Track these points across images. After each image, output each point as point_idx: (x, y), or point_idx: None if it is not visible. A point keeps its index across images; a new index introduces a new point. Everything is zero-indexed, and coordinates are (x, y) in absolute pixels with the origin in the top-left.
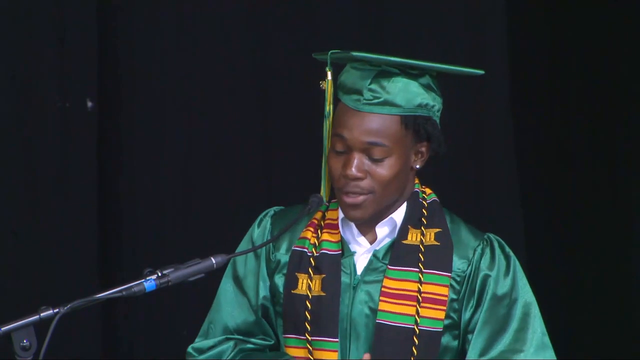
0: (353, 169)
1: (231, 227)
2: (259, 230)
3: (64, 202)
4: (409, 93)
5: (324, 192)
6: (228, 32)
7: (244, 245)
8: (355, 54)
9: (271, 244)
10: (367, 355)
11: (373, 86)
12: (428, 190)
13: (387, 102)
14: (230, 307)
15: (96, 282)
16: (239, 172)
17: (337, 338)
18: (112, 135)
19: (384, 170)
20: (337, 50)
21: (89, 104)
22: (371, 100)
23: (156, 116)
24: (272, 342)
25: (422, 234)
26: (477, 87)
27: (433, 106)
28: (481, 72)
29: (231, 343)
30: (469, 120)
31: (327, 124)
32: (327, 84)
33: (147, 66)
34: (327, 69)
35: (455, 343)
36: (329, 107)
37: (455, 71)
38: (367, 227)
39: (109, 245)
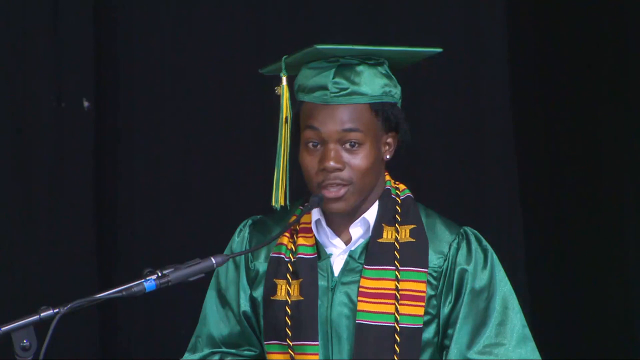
0: (332, 161)
1: (230, 227)
2: (238, 240)
3: (61, 203)
4: (373, 81)
5: (277, 198)
6: (226, 31)
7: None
8: (319, 46)
9: (250, 253)
10: None
11: (337, 79)
12: (402, 186)
13: (354, 92)
14: (215, 319)
15: (95, 282)
16: (237, 171)
17: (317, 341)
18: (109, 136)
19: (360, 160)
20: (289, 55)
21: (85, 103)
22: (338, 92)
23: (153, 116)
24: (258, 351)
25: (397, 231)
26: (477, 87)
27: (395, 93)
28: (439, 50)
29: (216, 357)
30: (469, 120)
31: (284, 129)
32: (283, 89)
33: (145, 66)
34: (282, 73)
35: (435, 338)
36: (286, 112)
37: (413, 52)
38: (341, 228)
39: (106, 245)
